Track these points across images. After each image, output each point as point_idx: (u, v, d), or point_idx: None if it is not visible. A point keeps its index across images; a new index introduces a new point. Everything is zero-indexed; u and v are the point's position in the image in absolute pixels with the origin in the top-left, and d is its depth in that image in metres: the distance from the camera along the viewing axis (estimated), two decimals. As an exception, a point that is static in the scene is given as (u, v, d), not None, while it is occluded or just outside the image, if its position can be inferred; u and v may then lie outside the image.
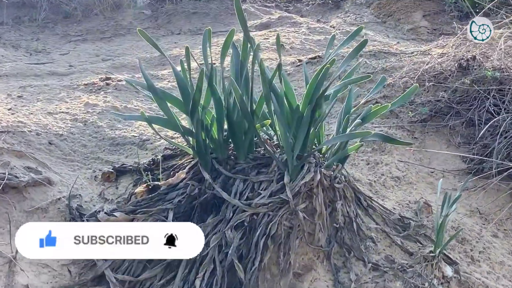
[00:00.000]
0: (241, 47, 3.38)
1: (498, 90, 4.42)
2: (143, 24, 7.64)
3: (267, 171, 3.31)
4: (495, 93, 4.42)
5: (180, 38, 6.98)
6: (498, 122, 4.21)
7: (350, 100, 3.53)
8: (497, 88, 4.43)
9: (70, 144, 3.98)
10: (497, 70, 4.51)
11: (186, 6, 8.10)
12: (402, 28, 7.18)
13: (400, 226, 3.54)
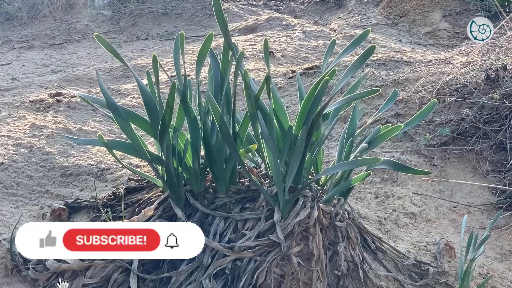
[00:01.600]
0: (221, 56, 3.38)
1: (535, 107, 4.45)
2: (102, 27, 7.67)
3: (253, 206, 3.31)
4: (531, 110, 4.45)
5: (147, 45, 7.00)
6: (534, 145, 4.23)
7: (354, 119, 3.53)
8: (533, 105, 4.46)
9: (12, 175, 3.97)
10: (534, 82, 4.54)
11: (155, 6, 8.14)
12: (417, 31, 7.21)
13: (416, 273, 3.54)
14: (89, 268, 3.29)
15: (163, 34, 7.53)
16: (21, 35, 7.66)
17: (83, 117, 4.84)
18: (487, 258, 3.77)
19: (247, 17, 7.69)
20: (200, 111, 3.32)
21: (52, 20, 7.90)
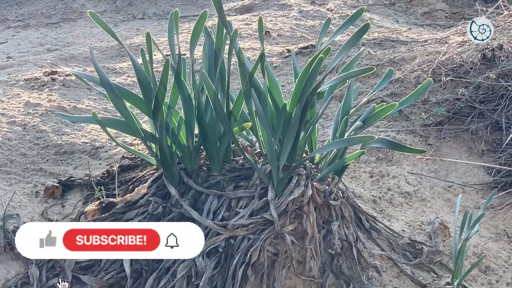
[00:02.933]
0: (216, 34, 3.37)
1: (531, 87, 4.44)
2: (98, 6, 7.66)
3: (247, 185, 3.30)
4: (527, 90, 4.44)
5: (144, 24, 6.99)
6: (530, 125, 4.23)
7: (349, 98, 3.52)
8: (529, 84, 4.45)
9: (6, 153, 3.96)
10: (530, 62, 4.54)
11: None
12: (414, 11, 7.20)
13: (411, 252, 3.54)
14: (82, 245, 3.30)
15: (159, 14, 7.51)
16: (17, 14, 7.64)
17: (78, 95, 4.83)
18: (482, 237, 3.77)
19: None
20: (194, 89, 3.30)
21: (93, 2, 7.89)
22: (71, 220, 3.51)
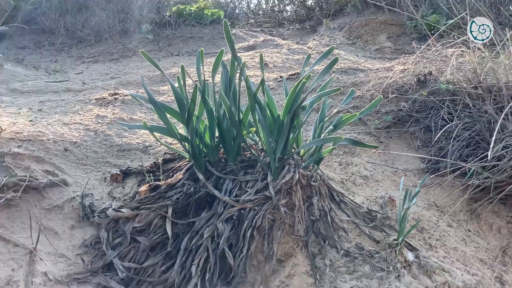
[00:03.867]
0: (230, 65, 3.38)
1: (451, 100, 4.44)
2: (146, 47, 7.65)
3: (252, 171, 3.31)
4: (448, 103, 4.44)
5: (179, 59, 6.99)
6: (451, 127, 4.23)
7: (324, 110, 3.53)
8: (450, 99, 4.45)
9: (83, 151, 3.96)
10: (450, 83, 4.52)
11: (184, 32, 8.10)
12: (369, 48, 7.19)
13: (368, 218, 3.55)
14: (138, 215, 3.30)
15: (189, 52, 7.50)
16: (89, 52, 7.63)
17: (133, 110, 4.83)
18: (418, 207, 3.78)
19: (249, 39, 7.66)
20: (215, 104, 3.32)
21: (111, 42, 7.87)
22: (129, 198, 3.52)
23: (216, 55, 3.46)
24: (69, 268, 3.09)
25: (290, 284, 3.02)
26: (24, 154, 3.63)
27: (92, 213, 3.38)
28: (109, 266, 3.11)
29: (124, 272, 3.06)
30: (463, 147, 4.15)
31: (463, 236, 3.72)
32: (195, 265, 3.02)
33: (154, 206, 3.31)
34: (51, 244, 3.18)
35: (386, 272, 3.08)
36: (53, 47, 7.92)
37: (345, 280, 3.02)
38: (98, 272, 3.08)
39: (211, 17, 8.37)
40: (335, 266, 3.12)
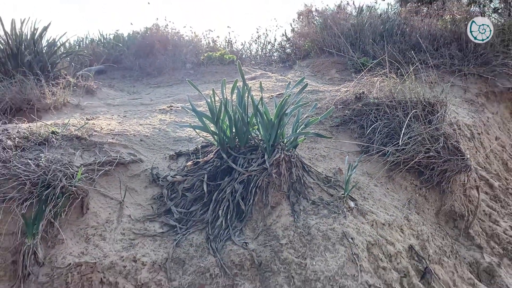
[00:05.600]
0: (242, 89, 3.37)
1: (376, 109, 4.42)
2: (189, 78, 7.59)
3: (256, 152, 3.29)
4: (374, 110, 4.42)
5: (209, 85, 6.94)
6: (376, 126, 4.22)
7: (298, 115, 3.51)
8: (375, 108, 4.43)
9: (152, 141, 3.96)
10: (376, 99, 4.51)
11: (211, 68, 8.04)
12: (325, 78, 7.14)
13: (326, 181, 3.53)
14: (186, 180, 3.29)
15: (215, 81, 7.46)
16: (154, 81, 7.60)
17: (182, 116, 4.80)
18: (356, 174, 3.76)
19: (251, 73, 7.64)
20: (233, 112, 3.31)
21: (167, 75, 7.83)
22: (180, 169, 3.52)
23: (232, 82, 3.46)
24: (144, 212, 3.10)
25: (279, 221, 3.02)
26: (116, 143, 3.63)
27: (158, 179, 3.38)
28: (168, 211, 3.12)
29: (177, 214, 3.07)
30: (384, 137, 4.14)
31: (384, 192, 3.72)
32: (221, 209, 3.03)
33: (195, 174, 3.31)
34: (132, 198, 3.19)
35: (337, 214, 3.08)
36: (132, 78, 7.88)
37: (312, 219, 3.02)
38: (162, 215, 3.08)
39: (229, 59, 8.34)
40: (306, 210, 3.12)
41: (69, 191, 2.79)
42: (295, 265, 2.73)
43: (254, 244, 2.86)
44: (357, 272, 2.74)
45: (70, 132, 3.52)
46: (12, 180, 2.73)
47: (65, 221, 2.77)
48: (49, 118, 4.44)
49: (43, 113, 4.68)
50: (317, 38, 8.46)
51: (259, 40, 10.24)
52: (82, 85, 5.76)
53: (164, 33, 9.18)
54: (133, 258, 2.65)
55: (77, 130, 3.58)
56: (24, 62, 5.37)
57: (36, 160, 2.91)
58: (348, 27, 8.11)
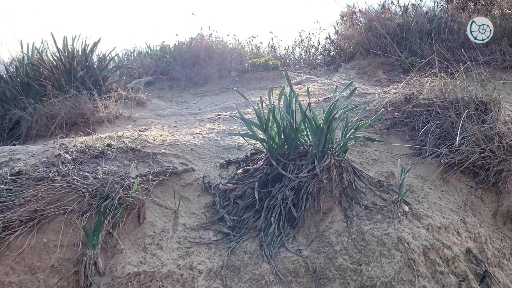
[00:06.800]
0: (289, 95, 3.39)
1: (427, 110, 4.34)
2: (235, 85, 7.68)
3: (305, 159, 3.30)
4: (425, 111, 4.34)
5: (254, 92, 7.00)
6: (428, 127, 4.15)
7: (347, 119, 3.50)
8: (426, 109, 4.35)
9: (202, 150, 4.03)
10: (426, 99, 4.43)
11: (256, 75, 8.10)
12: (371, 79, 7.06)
13: (378, 185, 3.50)
14: (237, 187, 3.34)
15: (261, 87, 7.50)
16: (200, 90, 7.72)
17: (230, 124, 4.87)
18: (409, 177, 3.71)
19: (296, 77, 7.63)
20: (280, 119, 3.33)
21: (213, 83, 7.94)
22: (231, 177, 3.56)
23: (278, 88, 3.48)
24: (197, 220, 3.15)
25: (332, 227, 3.01)
26: (168, 153, 3.72)
27: (209, 187, 3.44)
28: (221, 219, 3.16)
29: (230, 222, 3.11)
30: (436, 139, 4.06)
31: (438, 195, 3.64)
32: (273, 216, 3.05)
33: (246, 182, 3.35)
34: (186, 206, 3.25)
35: (392, 218, 3.05)
36: (179, 88, 8.04)
37: (366, 224, 3.00)
38: (215, 223, 3.13)
39: (273, 65, 8.38)
40: (359, 215, 3.10)
41: (126, 202, 2.88)
42: (350, 272, 2.72)
43: (308, 250, 2.86)
44: (414, 278, 2.69)
45: (125, 144, 3.64)
46: (72, 193, 2.84)
47: (123, 231, 2.87)
48: (103, 131, 4.60)
49: (97, 126, 4.85)
50: (362, 39, 8.39)
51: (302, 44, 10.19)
52: (132, 97, 5.93)
53: (208, 42, 9.34)
54: (189, 266, 2.71)
55: (131, 142, 3.69)
56: (77, 77, 5.58)
57: (94, 173, 3.02)
58: (393, 27, 8.00)
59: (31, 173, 2.96)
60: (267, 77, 7.99)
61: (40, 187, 2.81)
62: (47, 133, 4.72)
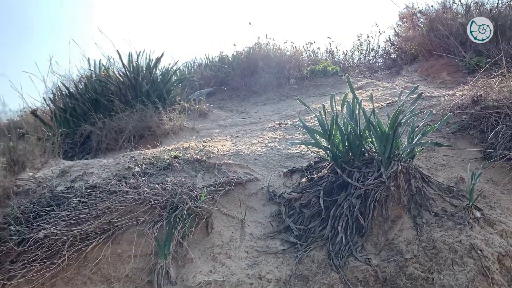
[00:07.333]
0: (352, 102, 3.37)
1: (496, 112, 4.18)
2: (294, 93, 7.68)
3: (371, 166, 3.26)
4: (495, 113, 4.18)
5: (314, 99, 6.97)
6: (499, 130, 3.99)
7: (413, 124, 3.43)
8: (495, 111, 4.19)
9: (265, 159, 4.07)
10: (495, 101, 4.27)
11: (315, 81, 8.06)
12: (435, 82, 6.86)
13: (448, 191, 3.40)
14: (302, 196, 3.34)
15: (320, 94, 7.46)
16: (260, 99, 7.79)
17: (291, 132, 4.88)
18: (480, 182, 3.58)
19: (356, 82, 7.52)
20: (343, 126, 3.31)
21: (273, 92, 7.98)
22: (295, 186, 3.57)
23: (338, 94, 3.46)
24: (264, 230, 3.19)
25: (401, 235, 2.96)
26: (232, 163, 3.79)
27: (274, 196, 3.47)
28: (287, 228, 3.18)
29: (297, 231, 3.12)
30: (507, 142, 3.90)
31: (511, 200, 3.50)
32: (340, 225, 3.03)
33: (311, 190, 3.35)
34: (252, 216, 3.30)
35: (463, 225, 2.95)
36: (239, 97, 8.15)
37: (436, 232, 2.92)
38: (281, 232, 3.15)
39: (332, 71, 8.32)
40: (429, 222, 3.03)
41: (195, 212, 2.96)
42: (422, 280, 2.66)
43: (377, 259, 2.82)
44: (489, 286, 2.60)
45: (191, 155, 3.74)
46: (144, 205, 2.95)
47: (192, 241, 2.95)
48: (169, 143, 4.74)
49: (162, 138, 5.01)
50: (424, 41, 8.17)
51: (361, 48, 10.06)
52: (195, 109, 6.08)
53: (266, 50, 9.41)
54: (258, 276, 2.75)
55: (197, 154, 3.79)
56: (142, 92, 5.79)
57: (163, 184, 3.13)
58: (456, 27, 7.74)
59: (104, 186, 3.10)
60: (326, 83, 7.95)
61: (113, 200, 2.94)
62: (116, 146, 4.92)
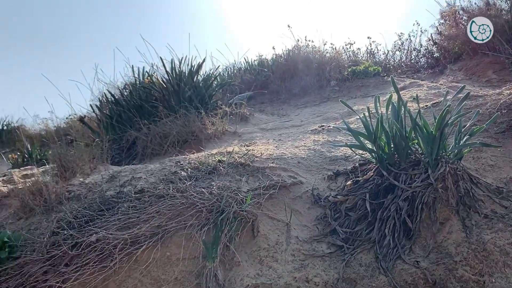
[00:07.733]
0: (397, 103, 3.35)
1: (548, 110, 4.07)
2: (335, 95, 7.66)
3: (417, 168, 3.22)
4: (546, 112, 4.07)
5: (356, 100, 6.93)
6: (550, 128, 3.88)
7: (460, 125, 3.38)
8: (547, 109, 4.08)
9: (309, 162, 4.08)
10: (546, 99, 4.15)
11: (357, 82, 8.02)
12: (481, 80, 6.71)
13: (497, 192, 3.32)
14: (347, 199, 3.34)
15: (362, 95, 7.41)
16: (301, 102, 7.79)
17: (334, 135, 4.87)
18: (532, 183, 3.49)
19: (399, 83, 7.42)
20: (388, 127, 3.29)
21: (313, 94, 7.98)
22: (340, 189, 3.57)
23: (381, 95, 3.44)
24: (309, 233, 3.20)
25: (450, 238, 2.91)
26: (276, 167, 3.82)
27: (319, 199, 3.47)
28: (333, 231, 3.18)
29: (343, 234, 3.12)
30: (560, 140, 3.79)
31: None
32: (388, 228, 3.01)
33: (357, 193, 3.34)
34: (297, 219, 3.31)
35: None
36: (279, 101, 8.18)
37: (486, 233, 2.87)
38: (328, 235, 3.16)
39: (373, 71, 8.26)
40: (478, 224, 2.97)
41: (241, 215, 3.00)
42: (472, 283, 2.61)
43: (425, 262, 2.79)
44: (544, 290, 2.53)
45: (235, 159, 3.79)
46: (191, 208, 3.02)
47: (239, 244, 2.99)
48: (212, 147, 4.82)
49: (206, 142, 5.09)
50: (468, 39, 7.98)
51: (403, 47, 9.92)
52: (236, 113, 6.14)
53: (305, 53, 9.41)
54: (305, 279, 2.76)
55: (240, 158, 3.84)
56: (185, 97, 5.90)
57: (209, 188, 3.19)
58: (501, 24, 7.54)
59: (152, 191, 3.19)
60: (368, 84, 7.89)
61: (161, 204, 3.02)
62: (161, 151, 5.03)
